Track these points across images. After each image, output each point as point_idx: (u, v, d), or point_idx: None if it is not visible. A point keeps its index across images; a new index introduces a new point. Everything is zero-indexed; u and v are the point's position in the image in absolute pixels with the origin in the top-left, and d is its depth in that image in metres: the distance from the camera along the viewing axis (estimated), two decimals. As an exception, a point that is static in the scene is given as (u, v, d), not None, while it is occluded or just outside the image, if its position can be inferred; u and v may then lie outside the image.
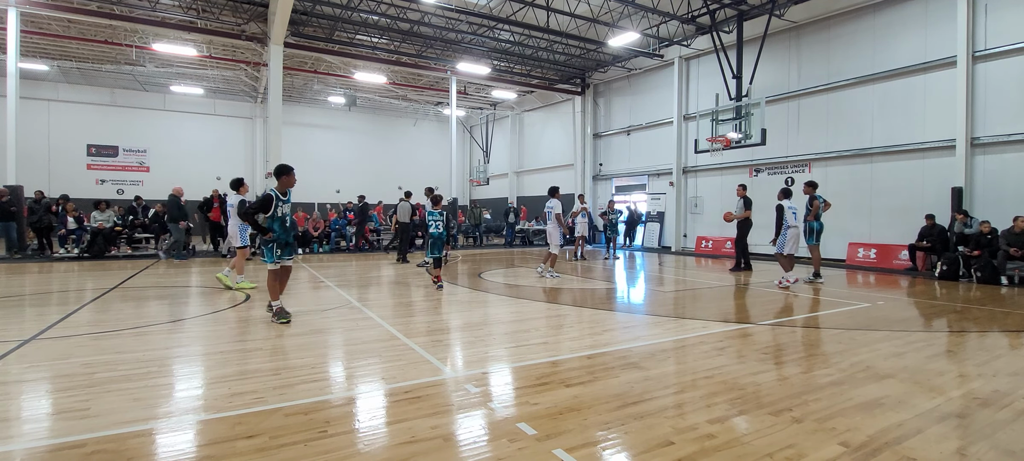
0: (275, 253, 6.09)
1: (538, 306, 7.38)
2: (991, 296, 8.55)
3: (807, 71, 15.16)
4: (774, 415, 3.27)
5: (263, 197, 5.97)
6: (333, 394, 3.67)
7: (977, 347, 5.20)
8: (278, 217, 6.03)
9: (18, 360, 4.41)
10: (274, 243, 6.03)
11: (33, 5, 14.62)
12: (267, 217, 5.95)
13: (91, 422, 3.08)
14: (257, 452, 2.72)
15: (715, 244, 17.68)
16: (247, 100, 26.93)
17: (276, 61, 16.30)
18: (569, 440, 2.88)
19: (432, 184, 13.59)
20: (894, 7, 13.22)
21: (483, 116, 30.41)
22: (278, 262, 6.14)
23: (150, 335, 5.39)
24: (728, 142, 14.20)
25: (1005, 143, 11.37)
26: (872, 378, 4.05)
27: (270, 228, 5.99)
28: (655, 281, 10.80)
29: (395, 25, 17.75)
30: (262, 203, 5.93)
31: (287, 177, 6.07)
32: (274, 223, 6.00)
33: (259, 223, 5.91)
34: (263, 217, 5.93)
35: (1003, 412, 3.37)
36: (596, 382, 3.90)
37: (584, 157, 23.27)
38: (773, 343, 5.23)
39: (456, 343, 5.26)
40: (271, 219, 5.98)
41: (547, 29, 16.34)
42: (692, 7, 15.93)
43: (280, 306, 6.16)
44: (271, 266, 6.14)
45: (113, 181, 24.49)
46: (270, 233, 5.98)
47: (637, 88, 21.22)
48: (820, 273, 10.26)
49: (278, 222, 6.04)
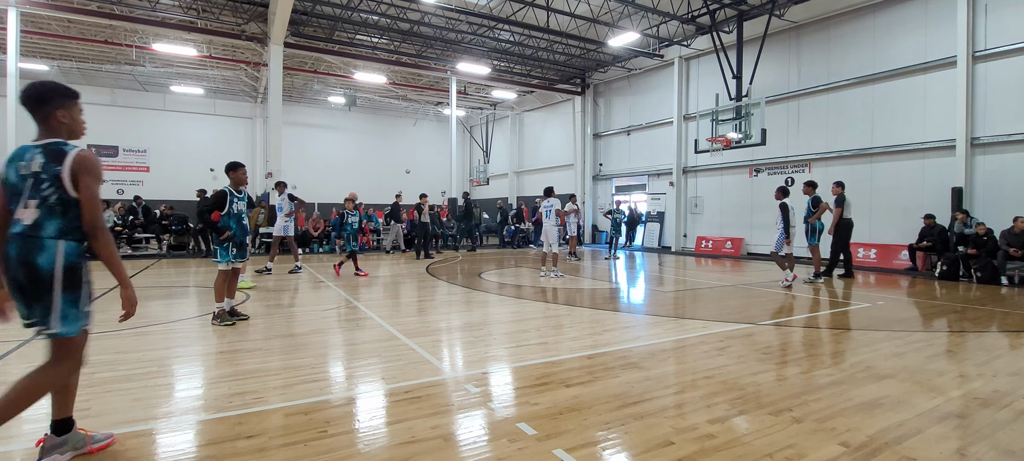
0: (231, 253, 5.93)
1: (538, 306, 7.38)
2: (991, 296, 8.55)
3: (807, 71, 15.16)
4: (774, 415, 3.27)
5: (218, 194, 5.86)
6: (333, 394, 3.67)
7: (977, 347, 5.20)
8: (234, 214, 5.93)
9: (18, 360, 4.41)
10: (230, 243, 5.91)
11: (33, 5, 14.62)
12: (223, 215, 5.84)
13: (91, 422, 3.07)
14: (257, 452, 2.72)
15: (715, 244, 17.68)
16: (247, 100, 26.92)
17: (276, 61, 16.31)
18: (569, 440, 2.88)
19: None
20: (894, 7, 13.22)
21: (483, 116, 30.40)
22: (230, 263, 5.97)
23: (150, 335, 5.39)
24: (728, 142, 14.21)
25: (1005, 143, 11.37)
26: (872, 378, 4.05)
27: (226, 226, 5.87)
28: (655, 281, 10.80)
29: (395, 25, 17.75)
30: (217, 200, 5.83)
31: (236, 173, 5.91)
32: (230, 221, 5.90)
33: (214, 222, 5.81)
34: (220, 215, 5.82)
35: (1003, 412, 3.37)
36: (596, 382, 3.90)
37: (584, 157, 23.27)
38: (773, 343, 5.23)
39: (456, 343, 5.26)
40: (227, 217, 5.87)
41: (547, 29, 16.34)
42: (692, 7, 15.93)
43: (232, 307, 5.99)
44: (223, 267, 5.93)
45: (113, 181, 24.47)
46: (227, 232, 5.85)
47: (637, 88, 21.22)
48: (820, 273, 10.26)
49: (234, 220, 5.93)
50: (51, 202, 2.38)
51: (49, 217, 2.37)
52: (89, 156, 2.48)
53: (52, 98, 2.49)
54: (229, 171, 5.95)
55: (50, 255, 2.35)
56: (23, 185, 2.38)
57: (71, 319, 2.41)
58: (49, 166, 2.38)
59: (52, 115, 2.48)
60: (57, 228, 2.38)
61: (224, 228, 5.87)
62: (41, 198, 2.37)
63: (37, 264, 2.33)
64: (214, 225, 5.87)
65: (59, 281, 2.37)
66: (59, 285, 2.37)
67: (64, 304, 2.39)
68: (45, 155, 2.40)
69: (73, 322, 2.42)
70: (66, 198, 2.40)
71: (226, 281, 5.98)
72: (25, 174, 2.38)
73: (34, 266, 2.33)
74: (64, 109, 2.51)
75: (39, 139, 2.48)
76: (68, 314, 2.40)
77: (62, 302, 2.38)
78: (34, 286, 2.35)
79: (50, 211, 2.38)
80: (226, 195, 5.86)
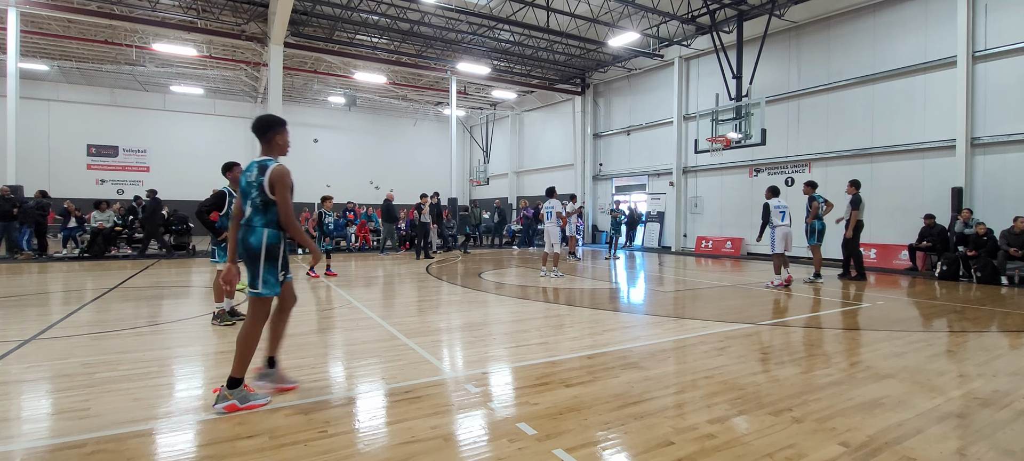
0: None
1: (538, 306, 7.38)
2: (991, 296, 8.55)
3: (807, 71, 15.16)
4: (774, 415, 3.27)
5: (217, 194, 5.83)
6: (333, 394, 3.67)
7: (977, 347, 5.20)
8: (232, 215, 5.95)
9: (18, 360, 4.41)
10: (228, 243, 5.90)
11: (33, 5, 14.62)
12: (221, 215, 5.81)
13: (91, 422, 3.08)
14: (257, 452, 2.72)
15: (715, 244, 17.68)
16: (247, 100, 26.94)
17: (276, 61, 16.31)
18: (569, 440, 2.88)
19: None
20: (894, 7, 13.22)
21: (483, 116, 30.41)
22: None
23: (150, 335, 5.39)
24: (728, 142, 14.21)
25: (1005, 143, 11.37)
26: (872, 378, 4.05)
27: (223, 227, 5.84)
28: (655, 281, 10.80)
29: (395, 25, 17.75)
30: (216, 201, 5.79)
31: (233, 172, 5.86)
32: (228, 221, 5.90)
33: (212, 223, 5.77)
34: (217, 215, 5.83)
35: (1003, 412, 3.37)
36: (596, 382, 3.90)
37: (584, 157, 23.27)
38: (773, 343, 5.23)
39: (456, 343, 5.26)
40: (225, 217, 5.85)
41: (547, 29, 16.34)
42: (692, 7, 15.94)
43: (232, 307, 5.99)
44: (221, 268, 5.87)
45: (113, 181, 24.51)
46: (225, 232, 5.82)
47: (637, 88, 21.22)
48: (821, 273, 10.26)
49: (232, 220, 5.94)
50: (257, 203, 3.30)
51: (256, 213, 3.31)
52: (282, 170, 3.31)
53: (273, 126, 3.44)
54: (226, 171, 5.93)
55: (257, 238, 3.30)
56: (247, 190, 3.32)
57: (270, 284, 3.36)
58: (258, 177, 3.28)
59: (271, 138, 3.42)
60: (262, 221, 3.31)
61: (222, 229, 5.85)
62: (252, 199, 3.31)
63: (250, 243, 3.30)
64: (212, 226, 5.84)
65: (262, 257, 3.31)
66: (262, 259, 3.31)
67: (265, 272, 3.33)
68: (257, 169, 3.31)
69: (267, 287, 3.35)
70: (266, 199, 3.29)
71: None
72: (250, 181, 3.30)
73: (248, 245, 3.30)
74: (280, 135, 3.45)
75: (259, 156, 3.42)
76: (267, 280, 3.34)
77: (264, 271, 3.32)
78: (248, 259, 3.33)
79: (256, 209, 3.31)
80: (225, 195, 5.84)
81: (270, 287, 3.36)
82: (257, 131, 3.42)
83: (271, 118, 3.47)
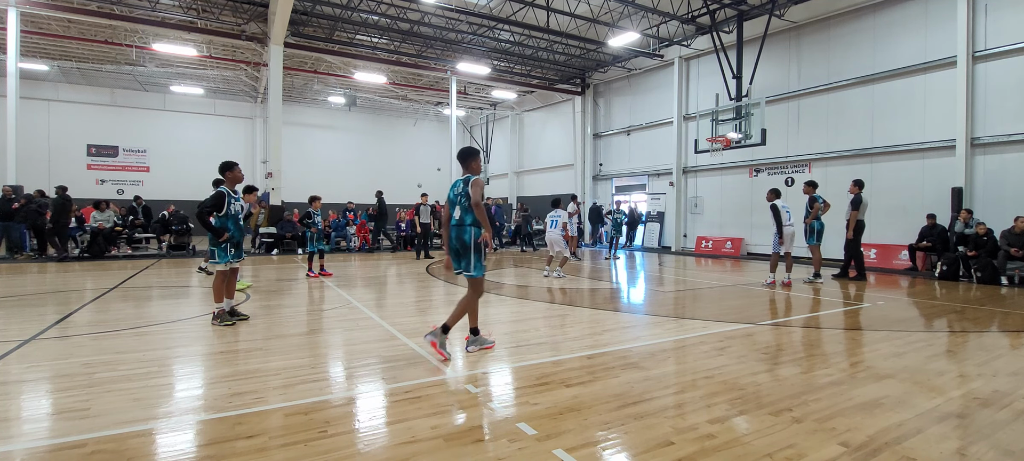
0: (229, 253, 5.93)
1: (538, 306, 7.38)
2: (991, 296, 8.55)
3: (807, 71, 15.16)
4: (774, 415, 3.27)
5: (216, 195, 5.83)
6: (333, 394, 3.67)
7: (977, 347, 5.20)
8: (232, 215, 5.91)
9: (18, 360, 4.41)
10: (228, 243, 5.88)
11: (33, 5, 14.63)
12: (221, 216, 5.83)
13: (91, 422, 3.08)
14: (257, 452, 2.72)
15: (715, 244, 17.68)
16: (247, 100, 26.93)
17: (276, 61, 16.31)
18: (569, 440, 2.88)
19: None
20: (894, 7, 13.22)
21: (483, 116, 30.41)
22: (229, 264, 5.96)
23: (150, 335, 5.39)
24: (728, 142, 14.21)
25: (1005, 143, 11.37)
26: (872, 378, 4.05)
27: (224, 227, 5.85)
28: (655, 281, 10.80)
29: (395, 25, 17.75)
30: (215, 201, 5.80)
31: (233, 172, 5.91)
32: (228, 222, 5.88)
33: (212, 223, 5.79)
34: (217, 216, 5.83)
35: (1003, 412, 3.37)
36: (596, 382, 3.90)
37: (584, 157, 23.27)
38: (773, 343, 5.23)
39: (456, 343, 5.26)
40: (225, 217, 5.86)
41: (547, 29, 16.35)
42: (692, 7, 15.94)
43: (232, 307, 6.00)
44: (221, 268, 5.92)
45: (113, 181, 24.51)
46: (225, 233, 5.84)
47: (637, 88, 21.22)
48: (820, 273, 10.26)
49: (232, 221, 5.91)
50: (463, 206, 4.50)
51: (465, 214, 4.50)
52: (477, 181, 4.48)
53: (474, 156, 4.67)
54: (225, 171, 5.93)
55: (468, 234, 4.49)
56: (455, 199, 4.56)
57: (478, 268, 4.54)
58: (463, 189, 4.49)
59: (470, 164, 4.63)
60: (470, 220, 4.48)
61: (222, 229, 5.86)
62: (461, 205, 4.50)
63: (463, 239, 4.49)
64: (212, 226, 5.85)
65: (472, 248, 4.49)
66: (472, 249, 4.49)
67: (475, 260, 4.51)
68: (463, 183, 4.53)
69: (479, 270, 4.54)
70: (468, 204, 4.46)
71: (225, 281, 5.95)
72: (456, 193, 4.56)
73: (462, 240, 4.49)
74: (476, 161, 4.66)
75: (462, 174, 4.65)
76: (477, 265, 4.53)
77: (474, 259, 4.51)
78: (462, 251, 4.52)
79: (464, 211, 4.50)
80: (225, 196, 5.84)
81: (481, 270, 4.53)
82: (461, 158, 4.66)
83: (472, 149, 4.75)
